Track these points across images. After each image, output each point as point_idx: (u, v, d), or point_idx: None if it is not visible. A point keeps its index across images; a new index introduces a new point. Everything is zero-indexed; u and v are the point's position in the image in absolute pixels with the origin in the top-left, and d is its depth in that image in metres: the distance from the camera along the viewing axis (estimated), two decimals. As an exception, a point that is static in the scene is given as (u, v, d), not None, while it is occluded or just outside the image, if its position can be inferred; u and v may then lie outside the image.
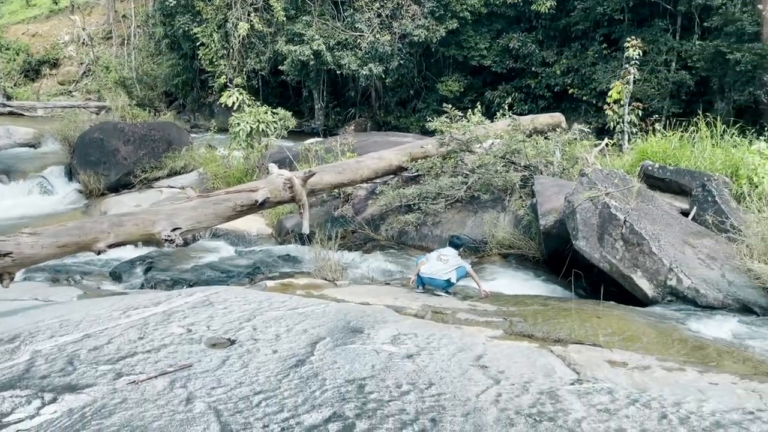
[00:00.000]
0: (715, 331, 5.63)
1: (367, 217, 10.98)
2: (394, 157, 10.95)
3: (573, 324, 5.55)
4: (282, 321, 5.16)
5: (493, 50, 23.97)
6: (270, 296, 6.08)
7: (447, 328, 5.40)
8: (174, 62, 26.18)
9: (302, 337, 4.73)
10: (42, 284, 9.25)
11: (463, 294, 7.09)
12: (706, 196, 7.89)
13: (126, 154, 16.19)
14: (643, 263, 6.56)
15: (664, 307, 6.26)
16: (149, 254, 10.81)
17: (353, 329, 4.88)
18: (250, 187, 8.62)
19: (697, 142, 9.39)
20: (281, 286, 7.77)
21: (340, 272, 8.27)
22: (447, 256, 6.81)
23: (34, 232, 6.37)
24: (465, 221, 10.18)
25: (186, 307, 5.46)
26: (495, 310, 6.09)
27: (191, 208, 7.87)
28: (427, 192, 10.35)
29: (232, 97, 12.44)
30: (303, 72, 22.49)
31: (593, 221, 7.19)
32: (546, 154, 10.37)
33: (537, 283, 8.16)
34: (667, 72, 20.94)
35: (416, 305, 6.22)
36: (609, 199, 7.12)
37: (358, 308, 5.75)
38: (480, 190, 10.18)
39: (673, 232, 7.01)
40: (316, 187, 9.44)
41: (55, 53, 32.75)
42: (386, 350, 4.49)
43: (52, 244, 6.42)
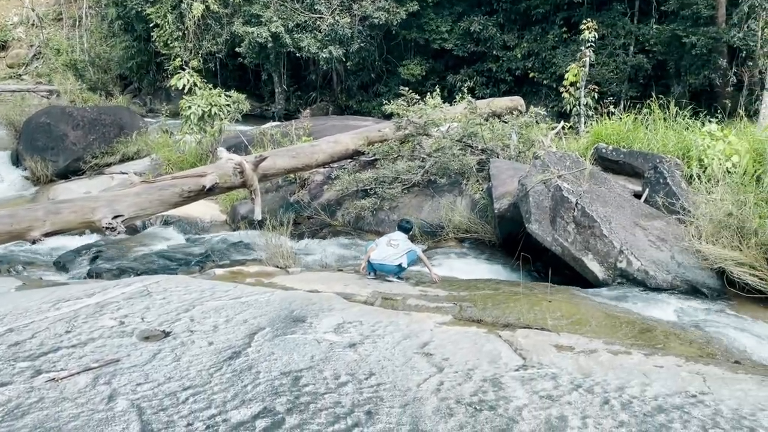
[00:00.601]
0: (663, 314, 5.63)
1: (324, 203, 10.78)
2: (351, 141, 10.75)
3: (522, 308, 5.48)
4: (222, 311, 4.95)
5: (454, 33, 23.84)
6: (214, 285, 5.86)
7: (395, 314, 5.27)
8: (128, 44, 25.37)
9: (241, 327, 4.54)
10: None
11: (416, 279, 6.97)
12: (657, 177, 7.90)
13: (75, 140, 15.62)
14: (594, 246, 6.53)
15: (615, 290, 6.24)
16: (96, 243, 10.43)
17: (296, 318, 4.71)
18: (197, 173, 8.34)
19: (650, 125, 9.41)
20: (230, 275, 7.54)
21: (292, 259, 8.07)
22: (397, 241, 6.68)
23: (-38, 221, 6.01)
24: (422, 205, 10.06)
25: (122, 298, 5.20)
26: (446, 295, 5.98)
27: (135, 194, 7.57)
28: (383, 176, 10.19)
29: (182, 80, 12.02)
30: (261, 55, 22.01)
31: (546, 204, 7.13)
32: (502, 137, 10.30)
33: (492, 267, 8.10)
34: (625, 56, 21.11)
35: (366, 292, 6.07)
36: (561, 181, 7.06)
37: (305, 296, 5.57)
38: (437, 174, 10.06)
39: (625, 215, 7.00)
40: (269, 172, 9.20)
41: (3, 35, 31.42)
42: (328, 340, 4.33)
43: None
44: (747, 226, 5.97)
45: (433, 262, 8.38)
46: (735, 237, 6.02)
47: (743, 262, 5.84)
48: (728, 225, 6.06)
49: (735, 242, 5.99)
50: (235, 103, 12.03)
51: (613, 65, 21.05)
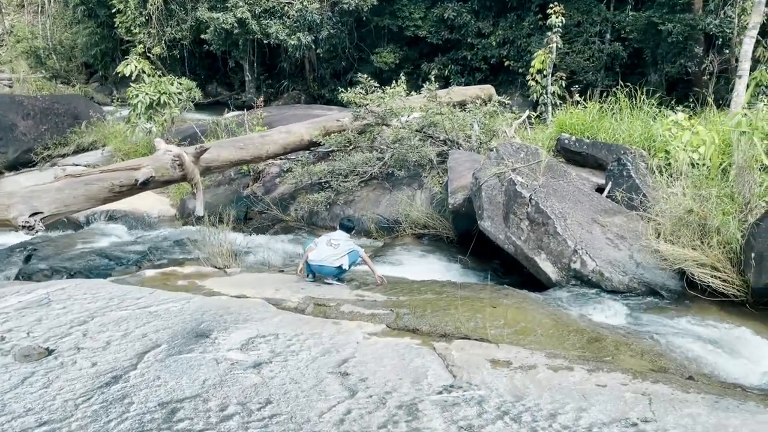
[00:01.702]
0: (617, 319, 5.18)
1: (277, 197, 10.24)
2: (305, 131, 10.19)
3: (464, 315, 4.99)
4: (123, 323, 4.42)
5: (428, 20, 23.28)
6: (127, 291, 5.31)
7: (322, 324, 4.77)
8: (91, 31, 24.51)
9: (136, 344, 4.01)
10: None
11: (360, 281, 6.46)
12: (621, 170, 7.45)
13: (25, 130, 14.90)
14: (547, 245, 6.06)
15: (568, 293, 5.78)
16: (33, 240, 9.81)
17: (200, 333, 4.19)
18: (130, 165, 7.76)
19: (616, 114, 8.95)
20: (162, 276, 6.99)
21: (233, 259, 7.54)
22: (338, 241, 6.16)
23: None
24: (380, 199, 9.56)
25: (14, 309, 4.65)
26: (384, 300, 5.48)
27: (56, 189, 6.98)
28: (339, 169, 9.66)
29: (129, 66, 11.36)
30: (228, 41, 21.31)
31: (499, 199, 6.65)
32: (464, 127, 9.80)
33: (448, 266, 7.62)
34: (600, 43, 20.69)
35: (298, 297, 5.56)
36: (515, 175, 6.58)
37: (224, 304, 5.05)
38: (394, 167, 9.55)
39: (583, 210, 6.54)
40: (212, 164, 8.62)
41: (-36, 21, 30.34)
42: (230, 359, 3.82)
43: None
44: (709, 224, 5.52)
45: (386, 260, 7.90)
46: (696, 235, 5.58)
47: (704, 263, 5.40)
48: (688, 222, 5.62)
49: (696, 241, 5.54)
50: (188, 91, 11.39)
51: (588, 53, 20.63)
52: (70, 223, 10.81)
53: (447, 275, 7.25)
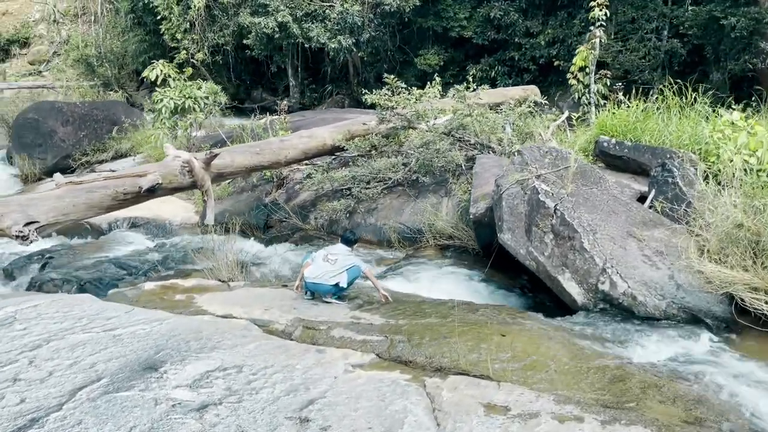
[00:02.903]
0: (648, 353, 4.42)
1: (299, 204, 9.78)
2: (329, 135, 9.70)
3: (467, 345, 4.35)
4: (78, 349, 3.98)
5: (473, 20, 22.48)
6: (102, 310, 4.90)
7: (302, 353, 4.22)
8: (140, 38, 24.83)
9: (78, 377, 3.55)
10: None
11: (365, 298, 5.86)
12: (665, 176, 6.61)
13: (64, 136, 15.00)
14: (572, 262, 5.33)
15: (594, 319, 5.04)
16: (52, 247, 9.67)
17: (150, 365, 3.70)
18: (136, 172, 7.43)
19: (663, 114, 8.07)
20: (161, 290, 6.61)
21: (239, 270, 7.10)
22: (335, 256, 5.60)
23: None
24: (403, 207, 8.95)
25: (-31, 329, 4.29)
26: (381, 324, 4.89)
27: (56, 197, 6.70)
28: (361, 175, 9.12)
29: (155, 71, 11.16)
30: (269, 46, 21.10)
31: (521, 209, 5.95)
32: (495, 130, 9.09)
33: (467, 283, 6.94)
34: (657, 41, 19.44)
35: (287, 319, 5.04)
36: (539, 182, 5.87)
37: (197, 327, 4.56)
38: (419, 172, 8.93)
39: (617, 222, 5.76)
40: (226, 170, 8.23)
41: (25, 32, 31.40)
42: (175, 399, 3.30)
43: None
44: (763, 241, 4.69)
45: (403, 274, 7.30)
46: (747, 254, 4.75)
47: (757, 287, 4.57)
48: (738, 239, 4.79)
49: (747, 261, 4.71)
50: (213, 95, 11.09)
51: (643, 51, 19.41)
52: (93, 230, 10.66)
53: (466, 293, 6.58)
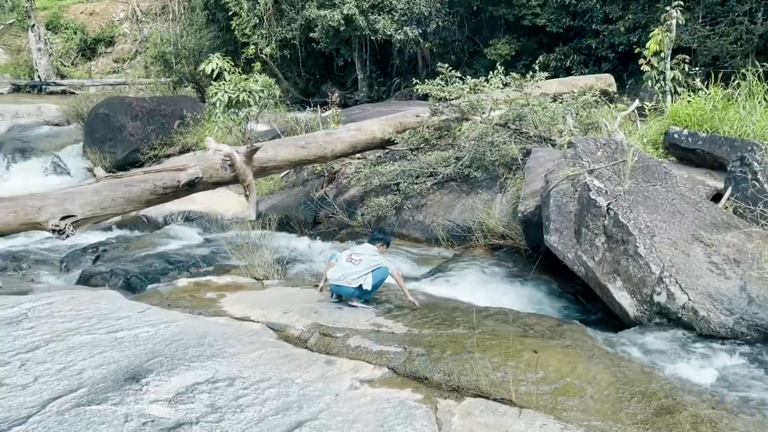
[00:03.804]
0: (707, 378, 3.77)
1: (348, 199, 9.47)
2: (378, 128, 9.32)
3: (492, 361, 3.86)
4: (75, 352, 3.80)
5: (547, 8, 21.47)
6: (116, 309, 4.74)
7: (307, 364, 3.87)
8: (214, 35, 25.36)
9: (60, 384, 3.34)
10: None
11: (396, 302, 5.43)
12: (744, 172, 5.81)
13: (133, 130, 15.35)
14: (625, 269, 4.70)
15: (648, 335, 4.40)
16: (108, 240, 9.82)
17: (134, 375, 3.44)
18: (176, 166, 7.33)
19: (747, 101, 7.17)
20: (193, 287, 6.46)
21: (275, 269, 6.84)
22: (359, 256, 5.21)
23: None
24: (454, 204, 8.45)
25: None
26: (404, 333, 4.46)
27: (93, 191, 6.66)
28: (410, 169, 8.68)
29: (210, 65, 11.14)
30: (336, 39, 20.96)
31: (570, 208, 5.36)
32: (554, 121, 8.43)
33: (515, 288, 6.38)
34: (750, 24, 17.84)
35: (304, 324, 4.70)
36: (592, 178, 5.25)
37: (204, 331, 4.30)
38: (471, 167, 8.40)
39: (683, 224, 5.07)
40: (269, 164, 8.01)
41: (110, 31, 32.82)
42: (149, 415, 3.02)
43: None
44: None
45: (446, 275, 6.82)
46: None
47: None
48: (824, 247, 4.05)
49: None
50: (268, 88, 10.95)
51: (734, 35, 17.87)
52: (149, 224, 10.79)
53: (512, 299, 6.03)
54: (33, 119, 19.74)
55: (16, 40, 32.11)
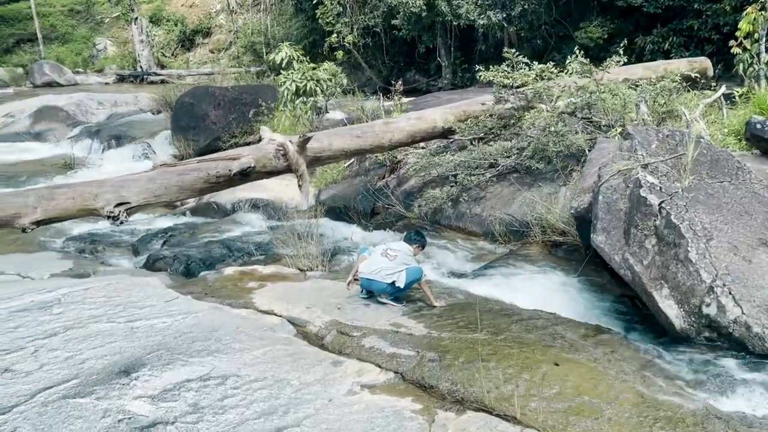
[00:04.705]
0: (747, 406, 3.30)
1: (407, 190, 9.25)
2: (440, 117, 9.01)
3: (506, 373, 3.57)
4: (88, 341, 3.88)
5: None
6: (146, 297, 4.84)
7: (312, 365, 3.76)
8: (301, 24, 25.76)
9: (60, 374, 3.40)
10: (70, 256, 8.93)
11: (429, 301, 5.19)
12: (834, 168, 5.09)
13: (215, 119, 15.82)
14: (673, 275, 4.22)
15: (693, 350, 3.93)
16: (176, 225, 10.18)
17: (126, 368, 3.44)
18: (229, 155, 7.39)
19: None
20: (238, 275, 6.55)
21: (319, 260, 6.79)
22: (395, 252, 5.01)
23: (-64, 206, 5.70)
24: (514, 197, 8.04)
25: (8, 311, 4.38)
26: (422, 336, 4.24)
27: (148, 179, 6.83)
28: (470, 160, 8.34)
29: (280, 54, 11.22)
30: (418, 26, 20.64)
31: (620, 206, 4.89)
32: (625, 109, 7.79)
33: (565, 290, 5.94)
34: None
35: (324, 320, 4.58)
36: (645, 173, 4.76)
37: (217, 324, 4.27)
38: (533, 158, 7.95)
39: (750, 227, 4.49)
40: (323, 154, 7.92)
41: (207, 22, 34.12)
42: (128, 412, 3.00)
43: (-45, 220, 5.73)
44: None
45: (495, 272, 6.49)
46: None
47: None
48: None
49: None
50: (335, 76, 10.90)
51: None
52: (218, 210, 11.07)
53: (559, 301, 5.62)
54: (130, 108, 20.90)
55: (122, 32, 34.14)
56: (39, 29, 31.40)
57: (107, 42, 33.85)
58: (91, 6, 35.17)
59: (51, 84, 27.28)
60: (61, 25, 34.69)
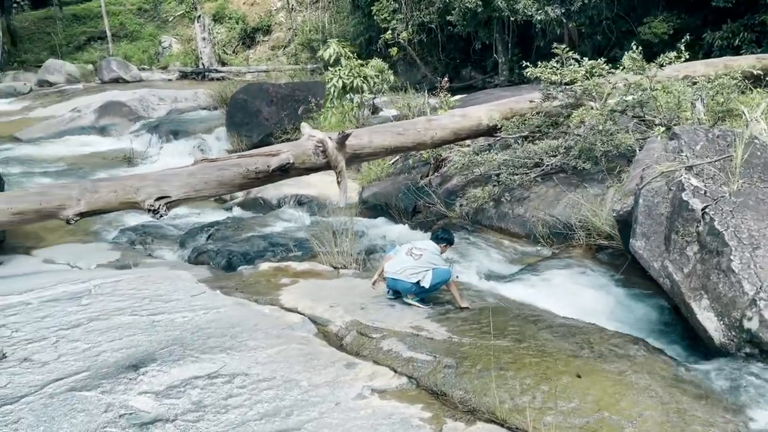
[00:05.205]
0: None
1: (450, 188, 9.07)
2: (485, 114, 8.79)
3: (522, 383, 3.41)
4: (108, 333, 3.95)
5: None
6: (173, 290, 4.91)
7: (324, 366, 3.70)
8: (357, 21, 25.81)
9: (74, 365, 3.46)
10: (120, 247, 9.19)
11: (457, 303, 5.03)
12: None
13: (268, 115, 16.05)
14: (714, 286, 3.93)
15: (731, 366, 3.64)
16: (224, 219, 10.35)
17: (136, 363, 3.46)
18: (269, 151, 7.39)
19: None
20: (273, 271, 6.61)
21: (353, 258, 6.74)
22: (420, 251, 4.89)
23: (-16, 198, 5.93)
24: (559, 198, 7.75)
25: (39, 301, 4.52)
26: (443, 340, 4.10)
27: (189, 174, 6.91)
28: (515, 158, 8.10)
29: (328, 51, 11.22)
30: (473, 21, 20.31)
31: (662, 210, 4.61)
32: (680, 108, 7.38)
33: (606, 296, 5.66)
34: None
35: (345, 320, 4.52)
36: (689, 176, 4.47)
37: (235, 321, 4.27)
38: (579, 158, 7.65)
39: (804, 236, 4.14)
40: (363, 151, 7.84)
41: (268, 20, 34.63)
42: (130, 407, 3.02)
43: (4, 211, 5.91)
44: None
45: (532, 275, 6.27)
46: None
47: None
48: None
49: None
50: (381, 73, 10.83)
51: None
52: (264, 206, 11.18)
53: (597, 307, 5.38)
54: (189, 104, 21.42)
55: (186, 30, 35.08)
56: (108, 27, 32.68)
57: (172, 40, 34.89)
58: (158, 5, 36.31)
59: (117, 80, 28.28)
60: (129, 23, 36.00)
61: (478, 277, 6.31)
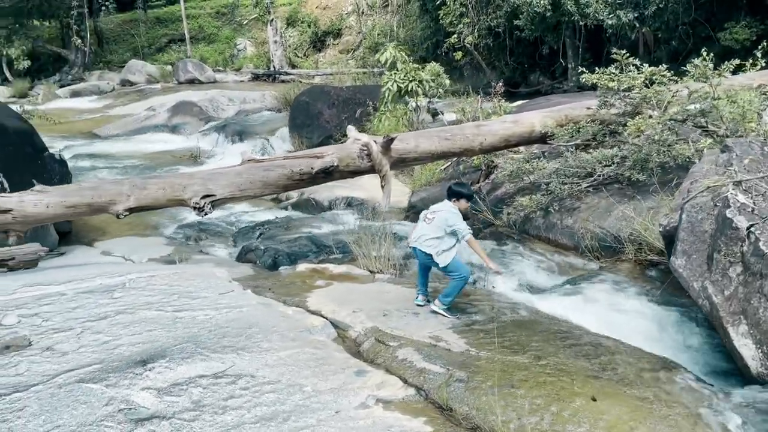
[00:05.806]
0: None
1: (500, 196, 8.86)
2: (539, 121, 8.55)
3: (532, 402, 3.26)
4: (130, 327, 4.05)
5: (804, -19, 18.02)
6: (204, 287, 5.00)
7: (333, 372, 3.67)
8: (425, 25, 25.77)
9: (90, 357, 3.57)
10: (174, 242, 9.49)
11: (489, 314, 4.89)
12: None
13: (328, 118, 16.21)
14: (754, 311, 3.64)
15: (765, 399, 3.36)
16: (276, 218, 10.52)
17: (146, 358, 3.52)
18: (314, 153, 7.48)
19: None
20: (309, 272, 6.65)
21: (390, 263, 6.69)
22: (434, 213, 4.81)
23: (42, 189, 6.25)
24: (610, 210, 7.42)
25: (75, 292, 4.70)
26: (459, 352, 3.99)
27: (235, 173, 7.09)
28: (566, 167, 7.84)
29: (385, 54, 11.22)
30: (542, 26, 19.86)
31: (706, 227, 4.32)
32: (745, 118, 6.92)
33: (651, 316, 5.36)
34: None
35: (365, 326, 4.48)
36: (736, 192, 4.17)
37: (254, 321, 4.29)
38: (633, 169, 7.32)
39: None
40: (408, 155, 7.79)
41: (338, 24, 35.10)
42: (131, 403, 3.07)
43: (58, 204, 6.25)
44: None
45: (574, 291, 6.04)
46: None
47: None
48: None
49: None
50: (437, 77, 10.74)
51: None
52: (316, 207, 11.29)
53: (637, 327, 5.11)
54: (256, 105, 21.96)
55: (261, 33, 36.04)
56: (187, 30, 33.97)
57: (247, 42, 35.94)
58: (235, 8, 37.47)
59: (193, 81, 29.36)
60: (207, 26, 37.34)
61: (514, 288, 6.14)
